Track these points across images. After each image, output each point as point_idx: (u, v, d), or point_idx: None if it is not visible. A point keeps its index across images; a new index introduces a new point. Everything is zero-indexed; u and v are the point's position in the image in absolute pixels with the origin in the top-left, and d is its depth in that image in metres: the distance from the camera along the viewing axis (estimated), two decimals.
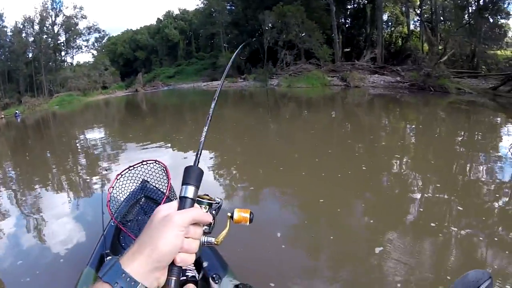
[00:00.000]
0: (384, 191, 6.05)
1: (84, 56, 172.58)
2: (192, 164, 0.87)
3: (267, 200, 6.22)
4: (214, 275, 2.28)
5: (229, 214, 0.91)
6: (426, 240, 4.23)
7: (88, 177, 8.64)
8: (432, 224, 4.50)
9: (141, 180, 3.30)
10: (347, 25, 41.06)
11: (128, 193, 3.24)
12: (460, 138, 9.74)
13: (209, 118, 0.99)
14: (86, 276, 2.59)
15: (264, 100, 24.34)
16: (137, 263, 0.69)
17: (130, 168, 3.17)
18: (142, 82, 53.92)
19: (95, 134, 16.57)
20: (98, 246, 2.89)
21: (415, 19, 37.18)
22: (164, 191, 3.10)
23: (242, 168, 8.25)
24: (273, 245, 4.31)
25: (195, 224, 0.78)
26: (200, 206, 0.84)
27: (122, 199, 3.14)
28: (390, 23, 39.36)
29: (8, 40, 51.14)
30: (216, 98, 1.05)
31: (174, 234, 0.72)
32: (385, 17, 37.43)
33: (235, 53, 1.34)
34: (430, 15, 32.24)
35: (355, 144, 9.49)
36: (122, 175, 3.12)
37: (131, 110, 29.92)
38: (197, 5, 57.12)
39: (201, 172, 0.84)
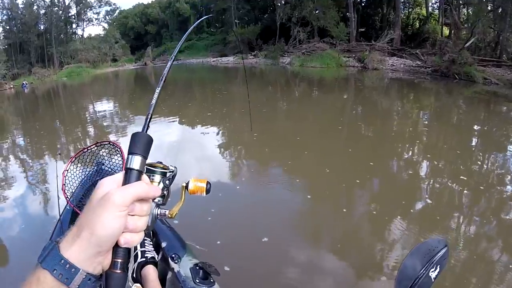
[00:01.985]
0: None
1: (95, 29, 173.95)
2: (147, 133, 0.76)
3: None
4: (174, 255, 2.23)
5: (184, 184, 0.87)
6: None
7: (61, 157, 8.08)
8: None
9: (96, 162, 3.17)
10: (362, 4, 39.55)
11: (83, 176, 3.10)
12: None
13: (163, 79, 0.90)
14: None
15: (275, 79, 23.54)
16: (76, 247, 0.63)
17: (84, 150, 3.03)
18: (151, 56, 54.16)
19: (99, 107, 16.65)
20: (55, 232, 2.79)
21: (434, 1, 36.27)
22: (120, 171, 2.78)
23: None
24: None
25: (142, 200, 0.69)
26: (152, 176, 0.79)
27: (77, 182, 3.00)
28: (407, 4, 37.82)
29: (19, 12, 52.43)
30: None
31: (113, 216, 0.62)
32: None
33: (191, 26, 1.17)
34: None
35: (369, 138, 8.37)
36: (76, 157, 3.00)
37: (139, 83, 29.96)
38: None
39: (150, 140, 0.74)
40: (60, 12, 55.08)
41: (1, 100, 26.17)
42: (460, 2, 27.87)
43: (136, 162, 0.70)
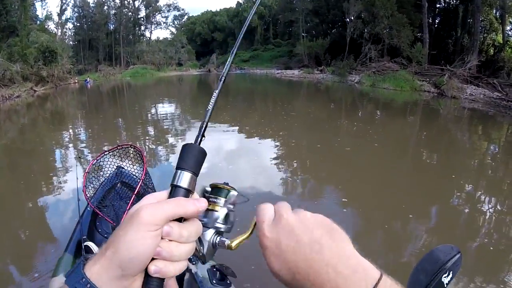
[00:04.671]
0: None
1: (162, 32, 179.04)
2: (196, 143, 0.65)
3: None
4: (191, 257, 1.85)
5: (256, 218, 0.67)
6: None
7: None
8: None
9: (117, 165, 3.28)
10: (435, 26, 38.39)
11: (104, 178, 3.23)
12: None
13: (222, 80, 0.75)
14: (65, 262, 2.62)
15: (343, 97, 22.83)
16: (99, 266, 0.55)
17: (105, 153, 3.10)
18: (215, 63, 55.18)
19: (159, 109, 17.45)
20: (75, 232, 2.88)
21: (508, 28, 34.62)
22: (140, 176, 3.06)
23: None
24: None
25: (184, 220, 0.58)
26: (215, 199, 0.68)
27: (98, 184, 3.14)
28: (483, 29, 35.82)
29: (90, 11, 56.19)
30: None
31: (139, 235, 0.53)
32: None
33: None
34: None
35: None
36: (97, 160, 3.07)
37: (202, 89, 30.55)
38: None
39: (202, 153, 0.63)
40: (130, 13, 58.25)
41: (66, 94, 27.78)
42: None
43: (184, 178, 0.59)
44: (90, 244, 2.41)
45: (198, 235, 0.60)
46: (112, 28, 57.44)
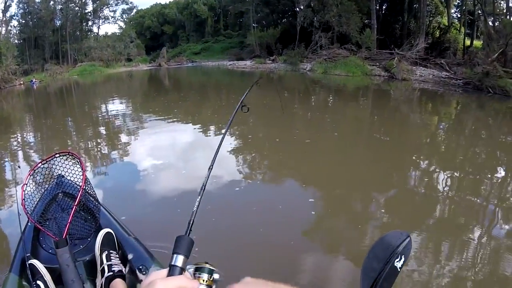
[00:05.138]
0: None
1: (111, 27, 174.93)
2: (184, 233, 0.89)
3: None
4: (141, 267, 2.27)
5: None
6: None
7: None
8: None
9: (56, 174, 3.07)
10: (383, 12, 38.90)
11: (44, 190, 2.98)
12: None
13: (203, 188, 1.02)
14: (10, 283, 2.40)
15: (296, 86, 22.85)
16: None
17: (43, 162, 2.86)
18: (166, 56, 53.51)
19: (109, 108, 16.78)
20: (18, 250, 2.67)
21: (453, 11, 36.02)
22: (80, 184, 2.83)
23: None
24: None
25: None
26: (199, 274, 0.84)
27: (38, 196, 2.87)
28: (428, 13, 36.90)
29: (36, 7, 52.37)
30: (211, 168, 1.08)
31: None
32: None
33: None
34: (473, 6, 30.74)
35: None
36: (35, 170, 2.81)
37: (153, 86, 29.43)
38: None
39: (191, 242, 0.87)
40: (77, 8, 55.13)
41: (11, 96, 26.01)
42: (479, 12, 27.64)
43: (179, 260, 0.81)
44: (35, 262, 2.32)
45: None
46: (58, 24, 54.08)
